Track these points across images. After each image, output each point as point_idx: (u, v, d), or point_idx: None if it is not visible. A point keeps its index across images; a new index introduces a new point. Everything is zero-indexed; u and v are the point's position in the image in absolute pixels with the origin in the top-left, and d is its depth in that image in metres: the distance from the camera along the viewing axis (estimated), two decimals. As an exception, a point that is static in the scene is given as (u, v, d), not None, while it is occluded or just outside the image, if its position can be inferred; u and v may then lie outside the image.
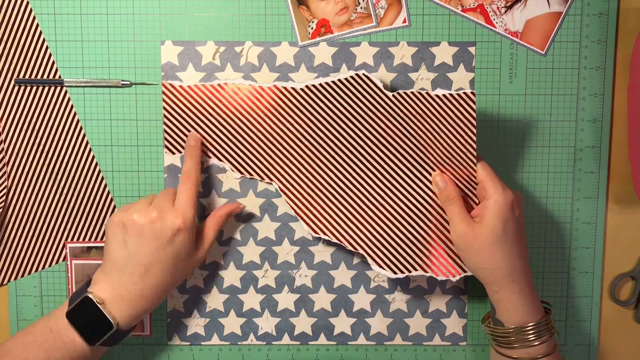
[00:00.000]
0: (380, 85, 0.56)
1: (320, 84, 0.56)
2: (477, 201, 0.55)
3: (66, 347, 0.49)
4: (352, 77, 0.56)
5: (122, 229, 0.50)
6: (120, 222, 0.51)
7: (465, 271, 0.57)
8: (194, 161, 0.55)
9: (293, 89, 0.56)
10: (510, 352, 0.51)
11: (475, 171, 0.55)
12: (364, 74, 0.56)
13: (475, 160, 0.55)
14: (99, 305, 0.49)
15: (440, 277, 0.56)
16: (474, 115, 0.56)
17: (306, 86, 0.56)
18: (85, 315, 0.49)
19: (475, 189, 0.55)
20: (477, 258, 0.51)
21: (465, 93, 0.55)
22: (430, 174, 0.57)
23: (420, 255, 0.57)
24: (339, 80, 0.56)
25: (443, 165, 0.57)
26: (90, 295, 0.49)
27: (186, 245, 0.51)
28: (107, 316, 0.49)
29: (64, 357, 0.49)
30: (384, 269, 0.56)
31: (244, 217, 0.58)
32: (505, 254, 0.50)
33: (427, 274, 0.56)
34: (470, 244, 0.51)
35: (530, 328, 0.50)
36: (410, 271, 0.56)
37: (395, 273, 0.56)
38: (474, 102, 0.55)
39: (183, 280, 0.54)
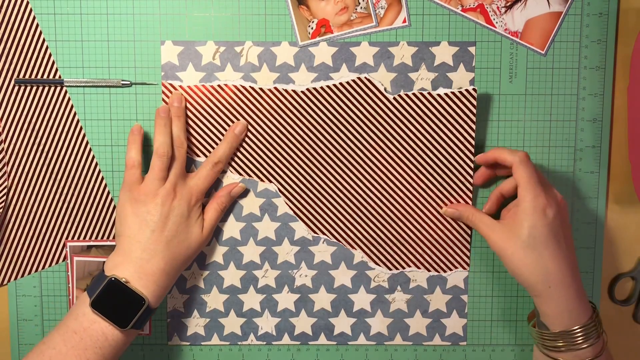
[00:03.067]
0: (382, 88, 0.56)
1: (321, 87, 0.56)
2: (469, 195, 0.57)
3: (97, 344, 0.48)
4: (353, 80, 0.56)
5: (141, 206, 0.52)
6: (134, 201, 0.52)
7: (456, 267, 0.58)
8: (231, 150, 0.56)
9: (294, 91, 0.56)
10: (556, 354, 0.50)
11: (471, 168, 0.57)
12: (365, 77, 0.56)
13: (472, 157, 0.57)
14: (126, 284, 0.48)
15: (432, 273, 0.58)
16: (474, 111, 0.56)
17: (307, 89, 0.56)
18: (112, 301, 0.48)
19: (471, 183, 0.57)
20: (513, 263, 0.51)
21: (467, 90, 0.55)
22: (430, 174, 0.57)
23: (414, 252, 0.58)
24: (340, 83, 0.56)
25: (442, 163, 0.57)
26: (114, 277, 0.49)
27: (199, 221, 0.54)
28: (137, 292, 0.48)
29: (97, 355, 0.48)
30: (380, 266, 0.58)
31: (244, 217, 0.58)
32: (535, 259, 0.50)
33: (420, 270, 0.58)
34: (503, 250, 0.51)
35: (577, 331, 0.49)
36: (404, 267, 0.58)
37: (390, 270, 0.58)
38: (474, 98, 0.56)
39: (190, 261, 0.55)
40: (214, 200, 0.56)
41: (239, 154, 0.57)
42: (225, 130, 0.57)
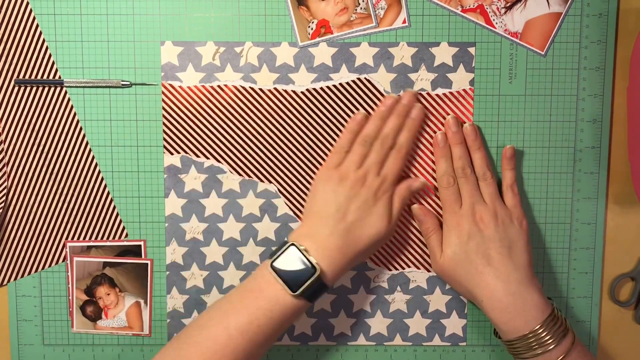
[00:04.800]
0: (382, 89, 0.56)
1: (321, 87, 0.56)
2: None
3: (268, 305, 0.49)
4: (353, 80, 0.56)
5: (345, 185, 0.53)
6: (340, 179, 0.53)
7: None
8: (412, 134, 0.55)
9: (294, 91, 0.56)
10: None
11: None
12: (365, 78, 0.56)
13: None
14: (304, 252, 0.50)
15: (432, 273, 0.59)
16: (472, 110, 0.56)
17: (307, 89, 0.56)
18: (289, 266, 0.50)
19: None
20: (448, 281, 0.56)
21: (464, 89, 0.56)
22: (428, 173, 0.57)
23: (414, 252, 0.58)
24: (340, 83, 0.56)
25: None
26: (295, 243, 0.50)
27: (390, 208, 0.54)
28: (311, 261, 0.50)
29: (266, 317, 0.49)
30: (380, 266, 0.58)
31: (244, 218, 0.58)
32: (461, 275, 0.53)
33: (420, 271, 0.58)
34: (439, 272, 0.56)
35: (530, 336, 0.50)
36: (403, 268, 0.58)
37: (390, 270, 0.58)
38: (471, 98, 0.56)
39: (371, 250, 0.55)
40: (396, 194, 0.55)
41: (238, 154, 0.57)
42: (225, 131, 0.57)
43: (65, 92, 0.56)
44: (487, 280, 0.52)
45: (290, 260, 0.50)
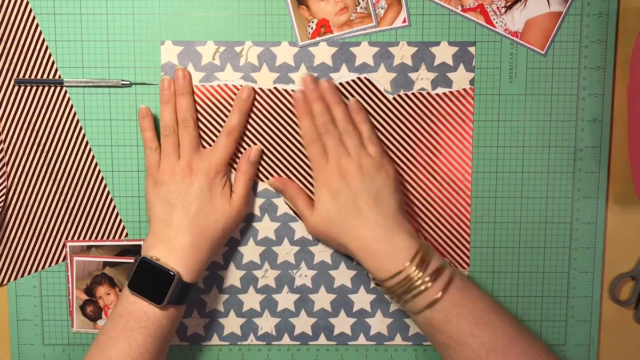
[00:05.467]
0: (382, 88, 0.56)
1: (320, 86, 0.56)
2: (468, 194, 0.57)
3: (140, 324, 0.49)
4: (353, 80, 0.56)
5: (160, 187, 0.53)
6: (154, 183, 0.53)
7: (456, 267, 0.58)
8: (243, 116, 0.55)
9: (294, 91, 0.56)
10: (403, 305, 0.51)
11: (470, 166, 0.57)
12: (365, 77, 0.56)
13: (471, 156, 0.57)
14: (156, 262, 0.50)
15: None
16: (472, 110, 0.56)
17: (306, 86, 0.56)
18: (147, 280, 0.50)
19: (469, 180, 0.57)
20: (322, 239, 0.57)
21: (464, 89, 0.56)
22: (429, 174, 0.57)
23: None
24: (340, 83, 0.56)
25: (442, 163, 0.57)
26: (144, 257, 0.50)
27: (222, 191, 0.54)
28: (165, 267, 0.50)
29: (144, 335, 0.49)
30: None
31: (244, 218, 0.58)
32: (334, 230, 0.53)
33: None
34: (313, 231, 0.56)
35: (399, 275, 0.50)
36: None
37: None
38: (472, 97, 0.56)
39: (228, 233, 0.55)
40: (237, 171, 0.56)
41: (238, 154, 0.57)
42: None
43: (65, 92, 0.56)
44: (358, 231, 0.52)
45: (147, 274, 0.50)
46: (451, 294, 0.49)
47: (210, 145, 0.57)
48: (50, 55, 0.56)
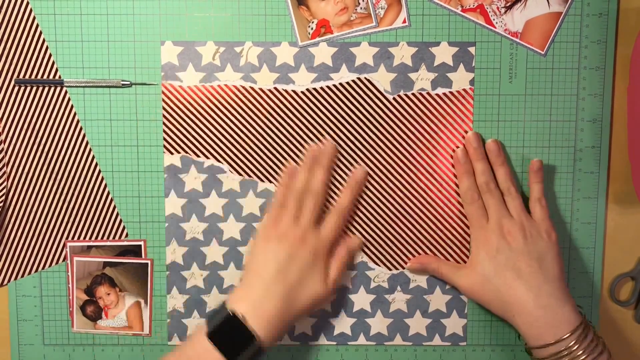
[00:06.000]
0: (382, 89, 0.56)
1: (321, 87, 0.56)
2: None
3: None
4: (353, 80, 0.56)
5: (282, 247, 0.52)
6: (278, 241, 0.53)
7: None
8: (354, 196, 0.56)
9: (294, 91, 0.56)
10: None
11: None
12: (365, 78, 0.56)
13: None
14: (242, 320, 0.49)
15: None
16: (472, 110, 0.56)
17: (307, 89, 0.56)
18: (227, 332, 0.49)
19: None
20: (478, 300, 0.55)
21: (464, 89, 0.56)
22: (429, 174, 0.57)
23: (414, 252, 0.58)
24: (340, 83, 0.56)
25: (442, 163, 0.57)
26: (234, 311, 0.49)
27: (325, 270, 0.53)
28: (251, 330, 0.49)
29: None
30: (380, 266, 0.58)
31: (244, 218, 0.58)
32: (491, 290, 0.52)
33: None
34: (468, 291, 0.55)
35: (559, 346, 0.49)
36: (404, 268, 0.58)
37: (390, 270, 0.58)
38: (471, 97, 0.56)
39: (308, 312, 0.55)
40: (336, 257, 0.55)
41: (238, 154, 0.57)
42: (225, 131, 0.57)
43: (65, 92, 0.56)
44: (518, 294, 0.51)
45: (229, 327, 0.49)
46: None
47: (209, 145, 0.57)
48: (50, 55, 0.56)
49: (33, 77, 0.56)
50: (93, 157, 0.57)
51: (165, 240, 0.58)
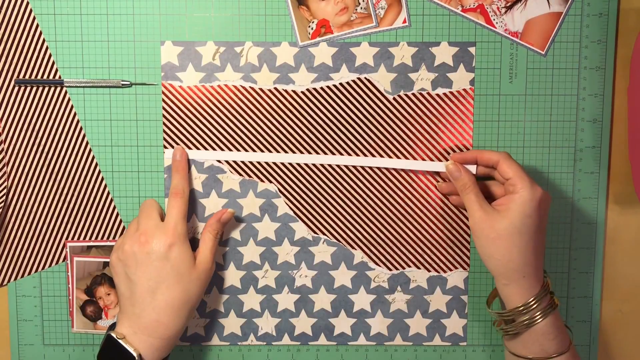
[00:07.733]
0: (382, 89, 0.56)
1: (321, 87, 0.56)
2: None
3: None
4: (353, 80, 0.56)
5: (121, 264, 0.52)
6: (116, 259, 0.53)
7: (456, 268, 0.58)
8: (182, 175, 0.55)
9: (294, 91, 0.56)
10: (524, 351, 0.51)
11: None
12: (365, 78, 0.56)
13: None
14: (119, 340, 0.50)
15: (432, 273, 0.58)
16: (472, 110, 0.56)
17: (307, 89, 0.56)
18: (112, 355, 0.50)
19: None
20: (491, 248, 0.51)
21: (464, 89, 0.56)
22: (429, 173, 0.57)
23: (414, 252, 0.58)
24: (340, 83, 0.56)
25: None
26: (111, 333, 0.50)
27: (183, 258, 0.52)
28: (128, 348, 0.49)
29: None
30: (380, 266, 0.58)
31: (244, 218, 0.58)
32: (520, 248, 0.50)
33: (420, 270, 0.58)
34: (487, 231, 0.51)
35: (531, 303, 0.50)
36: (404, 268, 0.58)
37: (390, 270, 0.58)
38: (471, 97, 0.56)
39: (199, 297, 0.54)
40: (205, 229, 0.55)
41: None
42: (225, 131, 0.57)
43: (65, 92, 0.56)
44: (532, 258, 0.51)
45: (112, 349, 0.50)
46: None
47: (209, 145, 0.57)
48: (50, 55, 0.56)
49: (33, 77, 0.56)
50: (93, 157, 0.57)
51: (165, 240, 0.58)
